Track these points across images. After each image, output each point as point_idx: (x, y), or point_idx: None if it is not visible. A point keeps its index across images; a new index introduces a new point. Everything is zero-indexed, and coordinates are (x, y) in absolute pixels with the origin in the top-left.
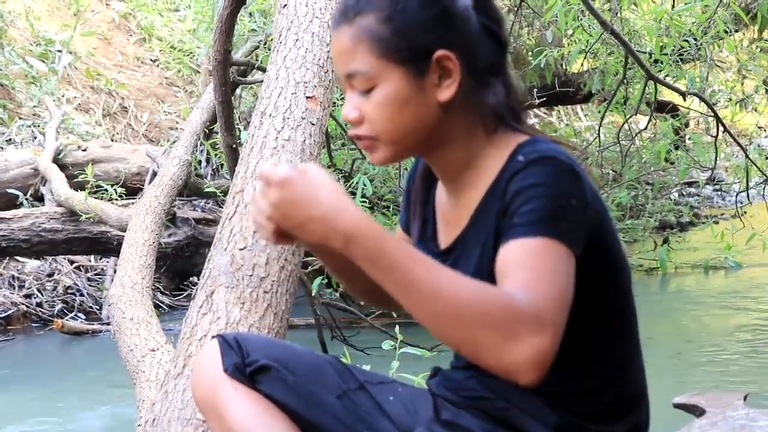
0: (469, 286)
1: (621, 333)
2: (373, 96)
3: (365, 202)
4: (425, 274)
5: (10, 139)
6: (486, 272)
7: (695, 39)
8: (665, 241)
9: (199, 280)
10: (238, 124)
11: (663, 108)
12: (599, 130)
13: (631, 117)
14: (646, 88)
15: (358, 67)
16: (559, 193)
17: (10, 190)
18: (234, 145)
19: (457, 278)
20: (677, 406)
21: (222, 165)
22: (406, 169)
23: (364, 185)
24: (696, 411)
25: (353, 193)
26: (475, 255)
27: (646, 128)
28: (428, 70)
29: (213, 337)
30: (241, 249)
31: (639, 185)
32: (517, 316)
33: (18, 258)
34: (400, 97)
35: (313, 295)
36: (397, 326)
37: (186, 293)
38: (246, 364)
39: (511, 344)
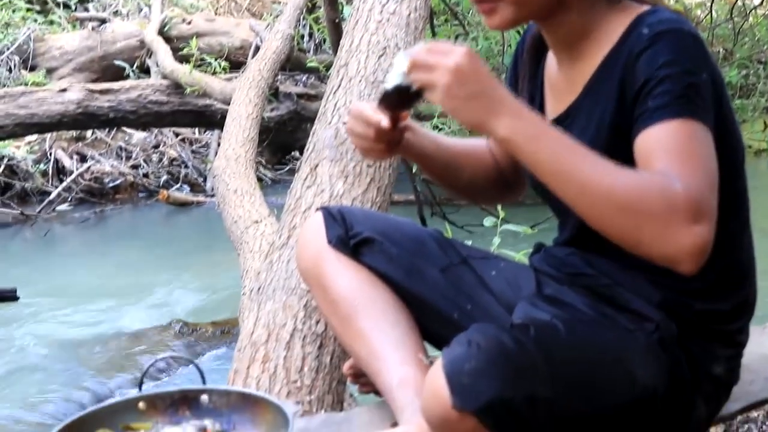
0: (629, 175)
1: (730, 207)
2: None
3: None
4: (587, 162)
5: (117, 11)
6: (603, 143)
7: None
8: None
9: (301, 154)
10: None
11: None
12: (711, 6)
13: None
14: None
15: None
16: (691, 70)
17: (117, 62)
18: (337, 20)
19: (615, 167)
20: None
21: (324, 40)
22: (510, 46)
23: None
24: None
25: None
26: (591, 125)
27: (761, 4)
28: None
29: (317, 209)
30: (345, 123)
31: (751, 64)
32: (678, 205)
33: (125, 129)
34: None
35: (413, 171)
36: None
37: (287, 167)
38: (350, 237)
39: (673, 232)
